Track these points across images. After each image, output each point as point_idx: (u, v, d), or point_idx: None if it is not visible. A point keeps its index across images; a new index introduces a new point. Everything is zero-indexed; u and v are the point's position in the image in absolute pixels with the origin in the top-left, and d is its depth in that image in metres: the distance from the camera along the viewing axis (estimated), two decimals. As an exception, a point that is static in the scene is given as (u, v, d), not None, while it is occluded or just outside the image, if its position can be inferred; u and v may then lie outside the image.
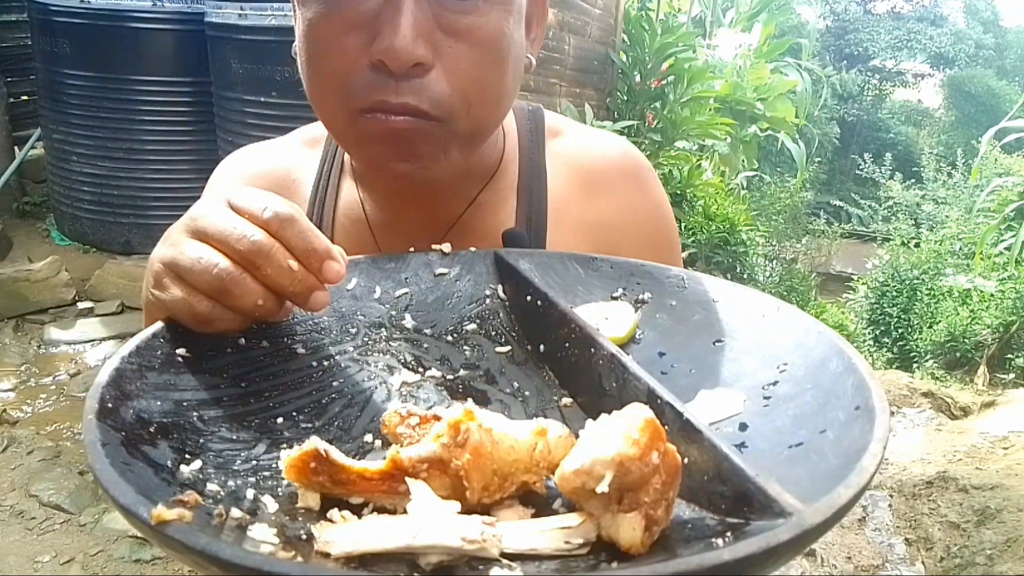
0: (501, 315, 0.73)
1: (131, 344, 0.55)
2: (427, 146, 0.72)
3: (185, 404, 0.53)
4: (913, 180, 11.54)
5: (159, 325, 0.58)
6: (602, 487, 0.41)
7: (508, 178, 0.90)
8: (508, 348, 0.70)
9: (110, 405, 0.48)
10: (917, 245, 8.35)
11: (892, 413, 4.19)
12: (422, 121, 0.70)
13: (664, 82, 5.76)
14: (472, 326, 0.72)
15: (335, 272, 0.58)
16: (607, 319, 0.69)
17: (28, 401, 3.53)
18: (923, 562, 2.97)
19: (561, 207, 0.89)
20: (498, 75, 0.73)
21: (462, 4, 0.69)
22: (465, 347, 0.70)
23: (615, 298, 0.73)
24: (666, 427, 0.43)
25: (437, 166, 0.73)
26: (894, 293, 7.48)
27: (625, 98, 5.89)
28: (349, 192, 0.91)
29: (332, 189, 0.91)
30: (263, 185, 0.92)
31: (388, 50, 0.66)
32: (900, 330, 7.20)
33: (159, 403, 0.52)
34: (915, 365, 6.59)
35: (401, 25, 0.66)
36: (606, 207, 0.90)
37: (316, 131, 0.96)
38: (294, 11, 0.76)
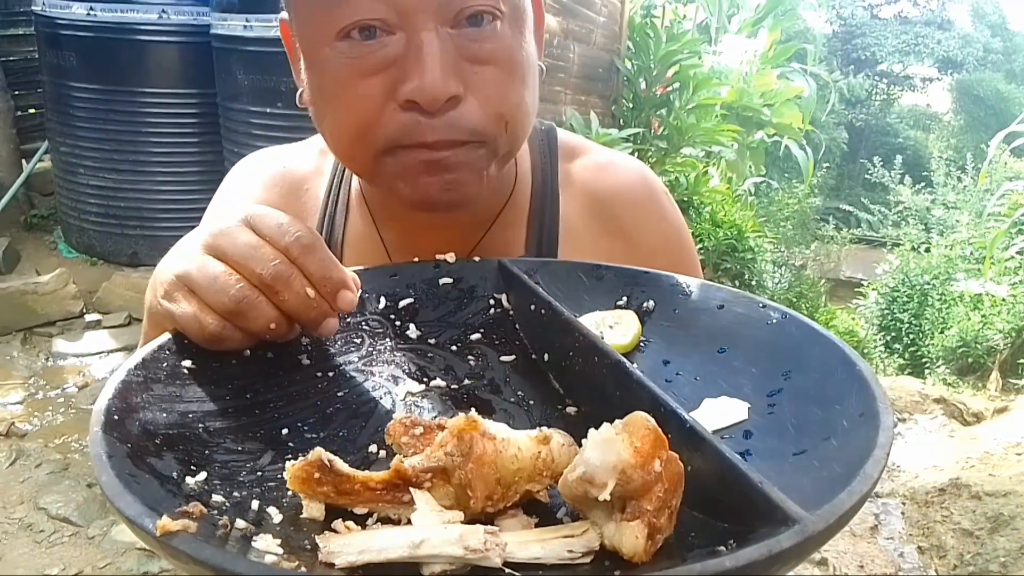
0: (505, 324, 0.74)
1: (137, 357, 0.56)
2: (469, 169, 0.71)
3: (191, 416, 0.54)
4: (923, 184, 11.49)
5: (165, 337, 0.58)
6: (604, 495, 0.41)
7: (521, 203, 0.88)
8: (512, 357, 0.70)
9: (116, 417, 0.48)
10: (927, 250, 8.32)
11: (904, 420, 4.17)
12: (460, 149, 0.70)
13: (669, 89, 5.76)
14: (476, 336, 0.72)
15: (349, 302, 0.59)
16: (611, 327, 0.69)
17: (36, 414, 3.54)
18: (936, 570, 2.95)
19: (573, 235, 0.88)
20: (525, 91, 0.74)
21: (480, 32, 0.69)
22: (469, 357, 0.70)
23: (619, 306, 0.73)
24: (669, 435, 0.43)
25: (478, 185, 0.73)
26: (905, 299, 7.45)
27: (630, 105, 5.90)
28: (360, 214, 0.90)
29: (342, 206, 0.91)
30: (278, 190, 0.92)
31: (419, 89, 0.66)
32: (911, 336, 7.17)
33: (165, 415, 0.52)
34: (927, 371, 6.55)
35: (428, 64, 0.66)
36: (620, 239, 0.88)
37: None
38: (296, 59, 0.77)
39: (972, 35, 19.77)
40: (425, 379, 0.67)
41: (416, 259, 0.78)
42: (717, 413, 0.57)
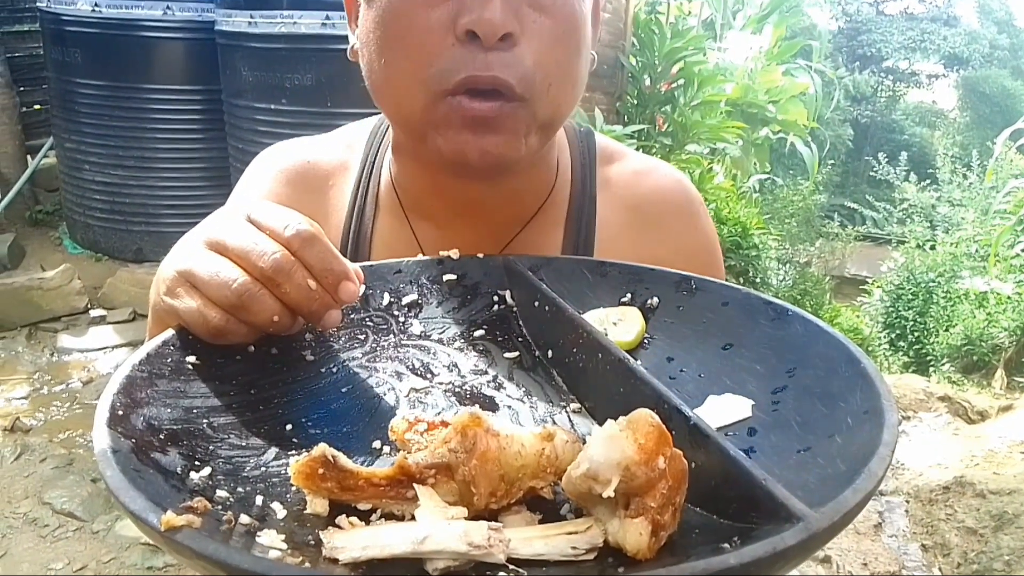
0: (509, 320, 0.74)
1: (141, 352, 0.56)
2: (509, 129, 0.72)
3: (195, 411, 0.54)
4: (928, 182, 11.44)
5: (169, 333, 0.59)
6: (608, 492, 0.41)
7: (559, 204, 0.88)
8: (516, 353, 0.70)
9: (120, 413, 0.48)
10: (932, 247, 8.29)
11: (908, 418, 4.16)
12: (505, 104, 0.70)
13: (674, 86, 5.75)
14: (480, 332, 0.72)
15: (351, 293, 0.59)
16: (615, 324, 0.69)
17: (41, 409, 3.55)
18: (940, 568, 2.95)
19: (609, 239, 0.88)
20: (575, 56, 0.74)
21: None
22: (473, 353, 0.70)
23: (623, 303, 0.73)
24: (673, 432, 0.43)
25: (517, 151, 0.73)
26: (909, 296, 7.41)
27: (635, 102, 5.88)
28: (391, 209, 0.89)
29: (372, 202, 0.89)
30: (302, 185, 0.91)
31: (479, 20, 0.67)
32: (916, 333, 7.13)
33: (169, 410, 0.52)
34: (931, 369, 6.52)
35: None
36: (657, 245, 0.88)
37: (354, 136, 0.94)
38: (354, 10, 0.77)
39: (978, 31, 19.69)
40: (429, 375, 0.67)
41: (420, 255, 0.78)
42: (721, 410, 0.57)
